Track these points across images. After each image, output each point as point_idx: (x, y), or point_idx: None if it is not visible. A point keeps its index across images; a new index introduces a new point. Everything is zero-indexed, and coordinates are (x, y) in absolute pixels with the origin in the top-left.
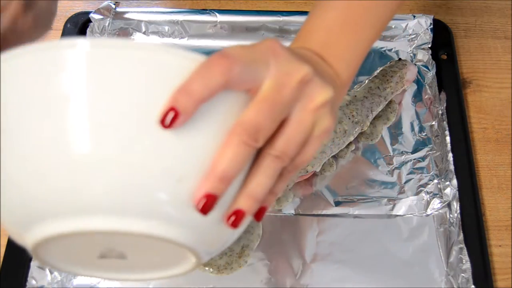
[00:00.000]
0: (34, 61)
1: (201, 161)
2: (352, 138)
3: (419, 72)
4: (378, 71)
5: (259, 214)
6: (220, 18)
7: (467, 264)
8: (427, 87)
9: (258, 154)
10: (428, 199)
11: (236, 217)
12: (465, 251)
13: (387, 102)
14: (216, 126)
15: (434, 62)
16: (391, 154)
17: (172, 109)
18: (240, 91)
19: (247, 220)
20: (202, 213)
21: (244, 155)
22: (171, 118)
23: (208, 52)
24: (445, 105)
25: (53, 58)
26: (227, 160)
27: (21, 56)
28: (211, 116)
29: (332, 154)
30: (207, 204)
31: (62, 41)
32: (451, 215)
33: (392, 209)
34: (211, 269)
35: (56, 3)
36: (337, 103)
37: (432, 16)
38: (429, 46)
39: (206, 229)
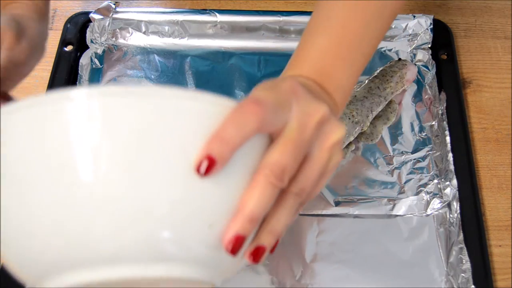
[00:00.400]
0: (46, 114)
1: (230, 204)
2: (352, 138)
3: (419, 72)
4: (378, 71)
5: (273, 247)
6: (220, 18)
7: (467, 264)
8: (427, 87)
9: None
10: (428, 199)
11: (258, 253)
12: (465, 251)
13: (387, 102)
14: (244, 169)
15: (434, 62)
16: (391, 154)
17: (208, 157)
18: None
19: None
20: (232, 254)
21: (271, 195)
22: (206, 166)
23: (208, 52)
24: (445, 105)
25: (69, 109)
26: (254, 201)
27: (29, 109)
28: (239, 159)
29: None
30: (237, 246)
31: (82, 90)
32: (451, 215)
33: (392, 209)
34: None
35: (47, 26)
36: None
37: (432, 16)
38: (429, 46)
39: (228, 264)
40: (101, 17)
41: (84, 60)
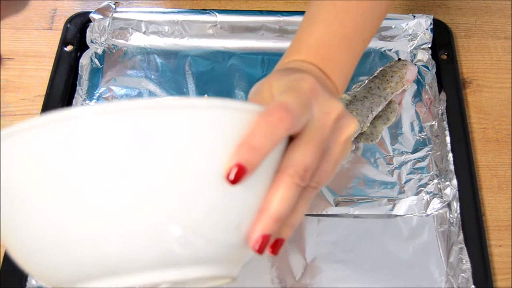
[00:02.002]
0: (77, 131)
1: (256, 205)
2: (352, 138)
3: (419, 72)
4: (378, 71)
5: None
6: (220, 18)
7: (467, 264)
8: (427, 87)
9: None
10: (428, 199)
11: (277, 245)
12: (465, 251)
13: (387, 102)
14: (267, 170)
15: (434, 62)
16: (391, 154)
17: (238, 165)
18: None
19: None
20: (259, 253)
21: (294, 195)
22: (235, 174)
23: (208, 52)
24: (445, 105)
25: (99, 124)
26: (279, 201)
27: (54, 124)
28: (264, 162)
29: None
30: (263, 244)
31: (109, 105)
32: (451, 215)
33: (392, 209)
34: None
35: None
36: None
37: (432, 16)
38: (429, 46)
39: (247, 257)
40: (101, 17)
41: (84, 60)
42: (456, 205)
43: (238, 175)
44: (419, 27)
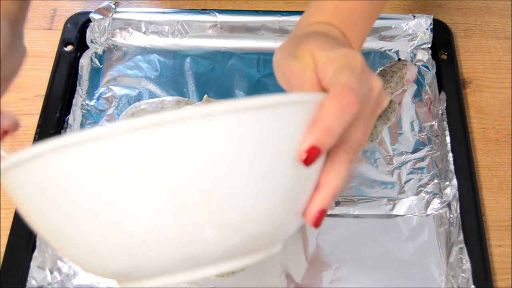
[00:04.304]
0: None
1: (313, 182)
2: None
3: (419, 72)
4: (378, 71)
5: None
6: (220, 18)
7: (467, 264)
8: (427, 87)
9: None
10: (428, 199)
11: (322, 217)
12: (465, 251)
13: None
14: None
15: (434, 62)
16: (391, 154)
17: (313, 147)
18: None
19: None
20: (315, 227)
21: (348, 169)
22: (310, 154)
23: (208, 52)
24: (445, 105)
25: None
26: (337, 178)
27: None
28: None
29: None
30: (320, 218)
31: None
32: (451, 215)
33: (392, 209)
34: None
35: (19, 39)
36: None
37: (432, 16)
38: (429, 46)
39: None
40: (101, 17)
41: (84, 60)
42: (456, 205)
43: (313, 156)
44: (419, 27)
